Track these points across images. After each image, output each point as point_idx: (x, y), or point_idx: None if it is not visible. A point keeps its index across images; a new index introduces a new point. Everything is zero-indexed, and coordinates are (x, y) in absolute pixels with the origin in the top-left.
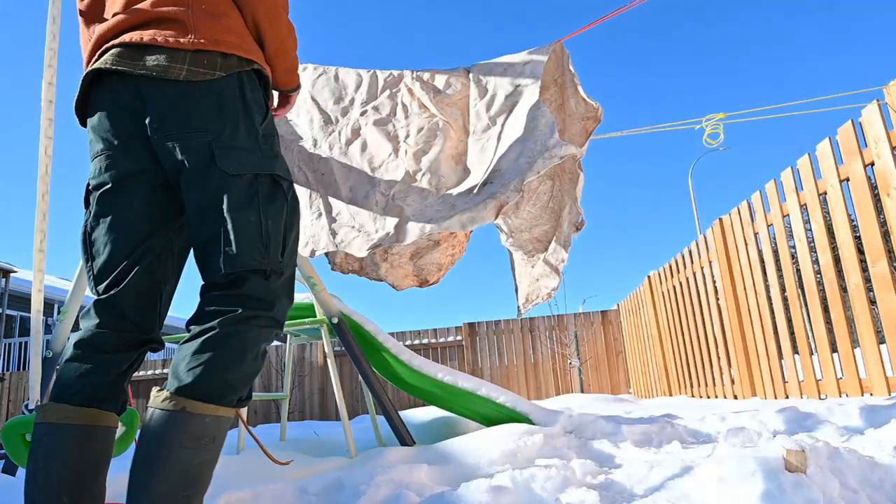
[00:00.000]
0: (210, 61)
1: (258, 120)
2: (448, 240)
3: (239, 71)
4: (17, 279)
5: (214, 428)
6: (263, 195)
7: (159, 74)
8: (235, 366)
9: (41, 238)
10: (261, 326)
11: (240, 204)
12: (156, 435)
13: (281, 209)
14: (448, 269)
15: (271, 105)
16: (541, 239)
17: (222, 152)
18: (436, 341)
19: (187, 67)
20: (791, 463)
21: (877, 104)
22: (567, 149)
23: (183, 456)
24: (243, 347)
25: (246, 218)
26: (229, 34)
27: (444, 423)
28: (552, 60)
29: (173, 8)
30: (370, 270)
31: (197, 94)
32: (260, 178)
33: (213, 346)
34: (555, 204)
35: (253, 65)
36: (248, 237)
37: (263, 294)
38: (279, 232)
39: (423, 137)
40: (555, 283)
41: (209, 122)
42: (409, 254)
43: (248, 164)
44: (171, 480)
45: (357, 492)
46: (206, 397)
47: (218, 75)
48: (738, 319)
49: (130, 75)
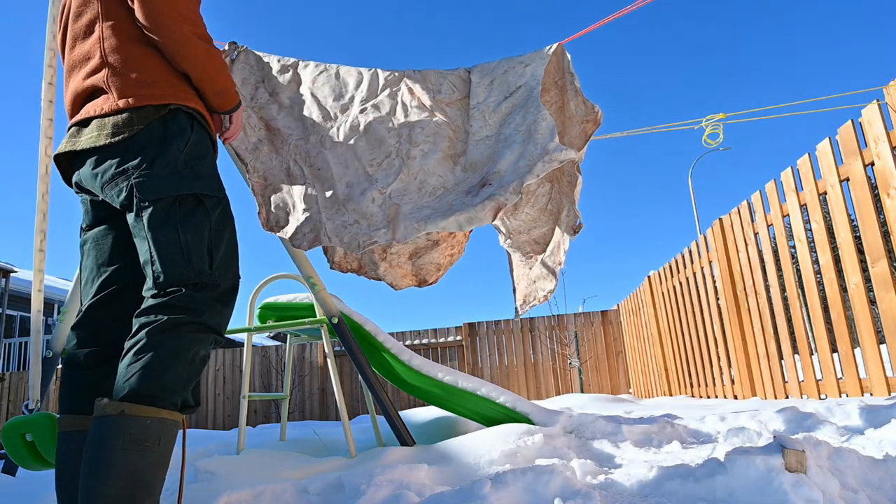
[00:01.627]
0: (125, 120)
1: (179, 146)
2: (447, 240)
3: (157, 118)
4: (17, 279)
5: (157, 430)
6: (182, 213)
7: (91, 145)
8: (170, 369)
9: (41, 238)
10: (191, 332)
11: (159, 224)
12: (99, 440)
13: (202, 224)
14: (447, 269)
15: (214, 128)
16: (539, 241)
17: (140, 183)
18: (436, 341)
19: (111, 132)
20: (791, 463)
21: (877, 104)
22: (567, 153)
23: (127, 458)
24: (174, 352)
25: (164, 236)
26: (140, 87)
27: (444, 423)
28: (553, 63)
29: (96, 76)
30: (369, 269)
31: (121, 149)
32: (180, 198)
33: (143, 353)
34: (553, 206)
35: (168, 107)
36: (169, 254)
37: (187, 303)
38: (202, 245)
39: (422, 137)
40: (552, 285)
41: (131, 165)
42: (408, 253)
43: (165, 187)
44: (119, 483)
45: (357, 492)
46: (144, 401)
47: (137, 129)
48: (738, 319)
49: (75, 151)
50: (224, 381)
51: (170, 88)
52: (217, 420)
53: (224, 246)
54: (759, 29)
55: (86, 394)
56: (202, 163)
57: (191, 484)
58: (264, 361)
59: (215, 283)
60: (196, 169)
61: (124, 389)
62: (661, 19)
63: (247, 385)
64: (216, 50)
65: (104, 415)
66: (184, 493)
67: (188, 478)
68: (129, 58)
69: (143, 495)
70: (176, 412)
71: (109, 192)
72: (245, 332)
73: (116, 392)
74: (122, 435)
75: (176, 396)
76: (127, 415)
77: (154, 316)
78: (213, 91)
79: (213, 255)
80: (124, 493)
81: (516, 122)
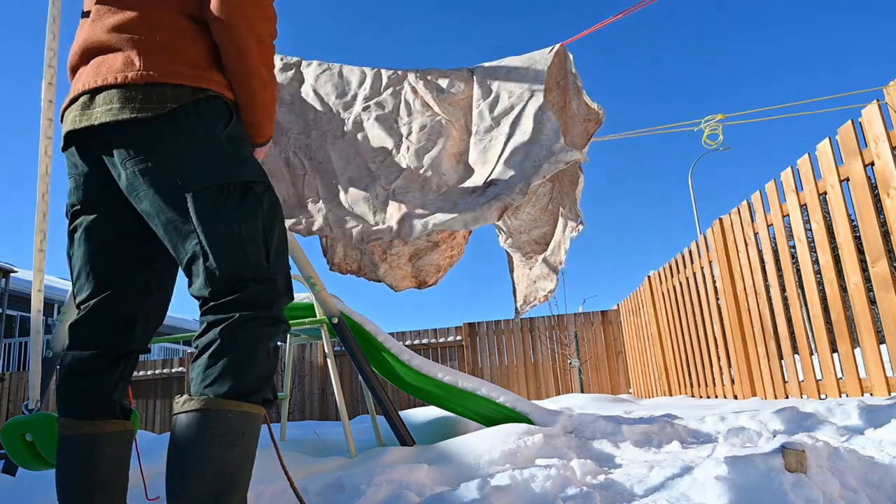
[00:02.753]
0: (159, 94)
1: (219, 128)
2: (447, 241)
3: (192, 101)
4: (17, 279)
5: (240, 424)
6: (232, 203)
7: (112, 118)
8: (249, 368)
9: (41, 238)
10: (262, 326)
11: (209, 217)
12: (184, 436)
13: (255, 214)
14: (447, 270)
15: None
16: (539, 241)
17: (182, 170)
18: (436, 341)
19: (139, 105)
20: (791, 463)
21: (877, 104)
22: (572, 154)
23: (213, 453)
24: (251, 350)
25: (217, 230)
26: (181, 65)
27: (444, 423)
28: (555, 63)
29: (128, 35)
30: (368, 271)
31: (151, 127)
32: (227, 187)
33: (221, 356)
34: (554, 206)
35: (207, 92)
36: (224, 248)
37: (257, 296)
38: (257, 237)
39: (425, 135)
40: (552, 285)
41: (167, 147)
42: (408, 255)
43: (211, 175)
44: (207, 478)
45: (357, 492)
46: (226, 395)
47: (169, 108)
48: (738, 319)
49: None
50: None
51: (213, 75)
52: None
53: (277, 236)
54: (760, 29)
55: (88, 398)
56: (244, 146)
57: None
58: None
59: (272, 277)
60: (240, 153)
61: (206, 386)
62: (661, 20)
63: None
64: (274, 80)
65: (186, 410)
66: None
67: None
68: (177, 29)
69: (230, 490)
70: (257, 406)
71: (132, 177)
72: None
73: (197, 389)
74: (208, 430)
75: (258, 394)
76: (212, 409)
77: (223, 314)
78: (252, 120)
79: (268, 247)
80: (212, 487)
81: (520, 123)
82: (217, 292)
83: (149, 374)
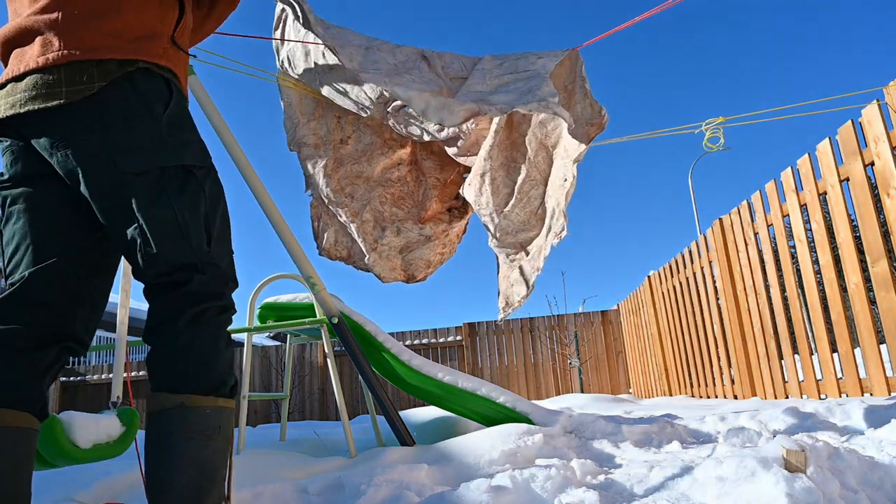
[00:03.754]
0: (85, 74)
1: (158, 110)
2: (440, 237)
3: (123, 73)
4: None
5: (216, 418)
6: (173, 188)
7: (39, 106)
8: (213, 362)
9: None
10: (214, 316)
11: (149, 202)
12: (162, 433)
13: (196, 199)
14: (436, 267)
15: (184, 87)
16: (524, 244)
17: (119, 154)
18: (436, 341)
19: (64, 89)
20: (791, 463)
21: (877, 104)
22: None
23: (191, 448)
24: (211, 343)
25: (157, 215)
26: (104, 37)
27: (444, 423)
28: (566, 65)
29: (44, 16)
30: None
31: (82, 109)
32: (167, 170)
33: (185, 353)
34: (543, 212)
35: (137, 64)
36: (165, 234)
37: (204, 286)
38: (199, 222)
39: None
40: (524, 291)
41: (102, 129)
42: (399, 247)
43: (150, 159)
44: (188, 473)
45: (357, 492)
46: (200, 391)
47: (98, 86)
48: (738, 319)
49: (14, 116)
50: None
51: (144, 44)
52: None
53: (219, 222)
54: (758, 31)
55: (31, 381)
56: (185, 128)
57: None
58: (264, 361)
59: (213, 262)
60: (181, 136)
61: (177, 380)
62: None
63: (247, 385)
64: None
65: (163, 408)
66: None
67: None
68: (98, 0)
69: (210, 482)
70: (230, 399)
71: (65, 160)
72: (245, 332)
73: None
74: (185, 426)
75: (226, 384)
76: (187, 406)
77: (176, 309)
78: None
79: (210, 232)
80: (194, 480)
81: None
82: (158, 278)
83: None
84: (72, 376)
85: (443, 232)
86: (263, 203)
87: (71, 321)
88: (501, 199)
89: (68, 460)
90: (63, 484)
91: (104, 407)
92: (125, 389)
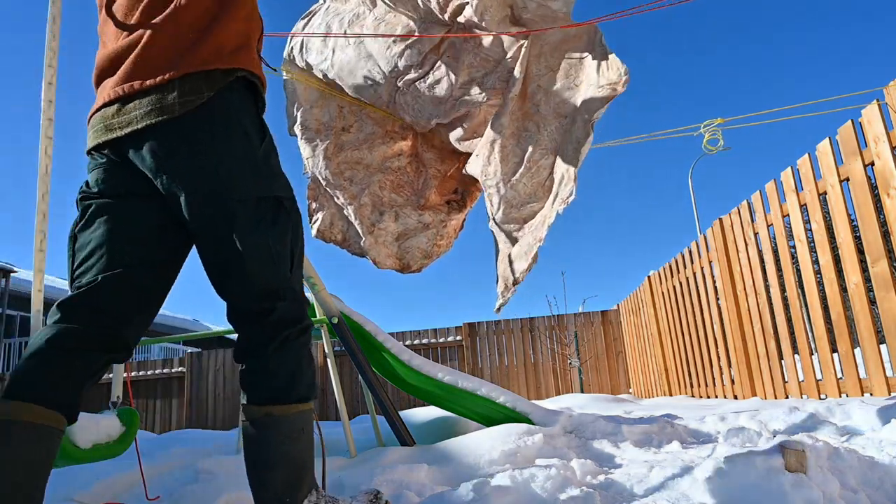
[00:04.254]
0: (197, 86)
1: (256, 140)
2: (437, 226)
3: (226, 83)
4: (17, 279)
5: (300, 421)
6: (268, 218)
7: (155, 119)
8: (300, 378)
9: (41, 238)
10: (295, 339)
11: (248, 229)
12: (258, 439)
13: (285, 229)
14: (432, 259)
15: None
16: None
17: (223, 172)
18: (436, 341)
19: (178, 100)
20: (791, 463)
21: (877, 104)
22: None
23: (284, 449)
24: (297, 363)
25: (255, 243)
26: (212, 50)
27: (444, 423)
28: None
29: (150, 37)
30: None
31: (192, 121)
32: (262, 200)
33: (277, 373)
34: (550, 183)
35: (237, 73)
36: (261, 262)
37: (286, 314)
38: (286, 251)
39: None
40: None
41: (210, 139)
42: (396, 233)
43: (249, 188)
44: (283, 469)
45: (357, 492)
46: (288, 402)
47: (206, 96)
48: (738, 319)
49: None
50: (224, 381)
51: (241, 55)
52: (217, 420)
53: (299, 249)
54: (759, 31)
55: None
56: (273, 158)
57: (191, 484)
58: None
59: (292, 286)
60: (273, 167)
61: (268, 401)
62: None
63: None
64: None
65: (256, 418)
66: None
67: (187, 478)
68: (202, 16)
69: (303, 474)
70: (309, 403)
71: (170, 176)
72: None
73: (258, 400)
74: (277, 432)
75: (308, 394)
76: (275, 416)
77: (265, 336)
78: None
79: (292, 260)
80: (291, 475)
81: None
82: (249, 304)
83: (149, 374)
84: None
85: (441, 222)
86: None
87: (126, 328)
88: (510, 169)
89: (68, 460)
90: (63, 484)
91: (104, 407)
92: (125, 389)
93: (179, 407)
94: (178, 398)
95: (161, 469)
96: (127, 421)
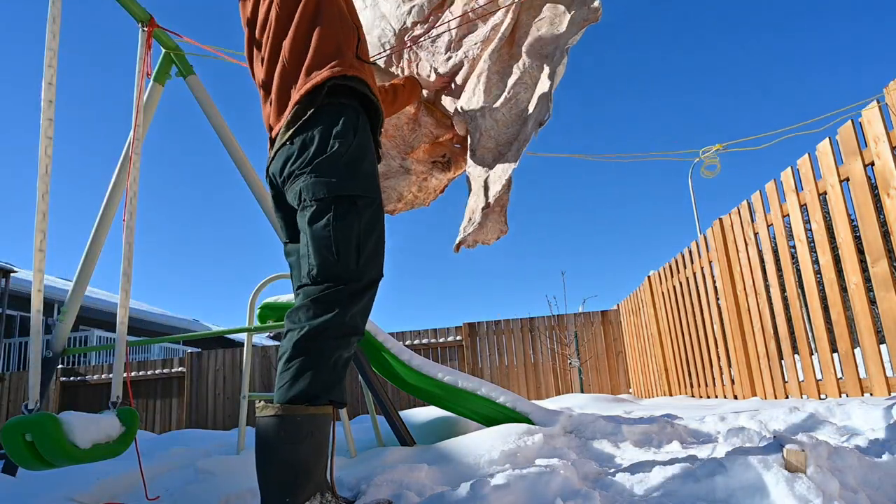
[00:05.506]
0: (312, 97)
1: (342, 151)
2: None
3: (328, 89)
4: (17, 279)
5: (308, 425)
6: (337, 213)
7: (284, 135)
8: (314, 377)
9: (41, 238)
10: (332, 338)
11: (315, 221)
12: (263, 436)
13: (352, 223)
14: (407, 207)
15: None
16: (503, 147)
17: (305, 183)
18: (436, 341)
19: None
20: (791, 463)
21: (877, 104)
22: None
23: (285, 449)
24: (317, 361)
25: (318, 232)
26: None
27: (444, 423)
28: None
29: (286, 66)
30: None
31: (304, 128)
32: (338, 199)
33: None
34: (527, 116)
35: (335, 80)
36: (322, 249)
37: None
38: (350, 243)
39: None
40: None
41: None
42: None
43: (325, 189)
44: (280, 468)
45: (357, 492)
46: (296, 401)
47: (316, 105)
48: (738, 319)
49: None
50: (224, 381)
51: (336, 60)
52: (217, 420)
53: (371, 245)
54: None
55: None
56: (362, 164)
57: (191, 484)
58: (264, 361)
59: (359, 277)
60: (356, 170)
61: (278, 394)
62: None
63: (247, 385)
64: None
65: (265, 416)
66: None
67: (188, 478)
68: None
69: (302, 480)
70: (325, 407)
71: (288, 189)
72: (245, 332)
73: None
74: (279, 431)
75: (321, 398)
76: (281, 415)
77: (299, 321)
78: None
79: (360, 252)
80: (285, 478)
81: None
82: (309, 289)
83: (149, 374)
84: (72, 376)
85: (423, 174)
86: (263, 203)
87: None
88: (492, 99)
89: (68, 460)
90: (63, 484)
91: (104, 407)
92: (125, 389)
93: (179, 407)
94: (177, 398)
95: (161, 469)
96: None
